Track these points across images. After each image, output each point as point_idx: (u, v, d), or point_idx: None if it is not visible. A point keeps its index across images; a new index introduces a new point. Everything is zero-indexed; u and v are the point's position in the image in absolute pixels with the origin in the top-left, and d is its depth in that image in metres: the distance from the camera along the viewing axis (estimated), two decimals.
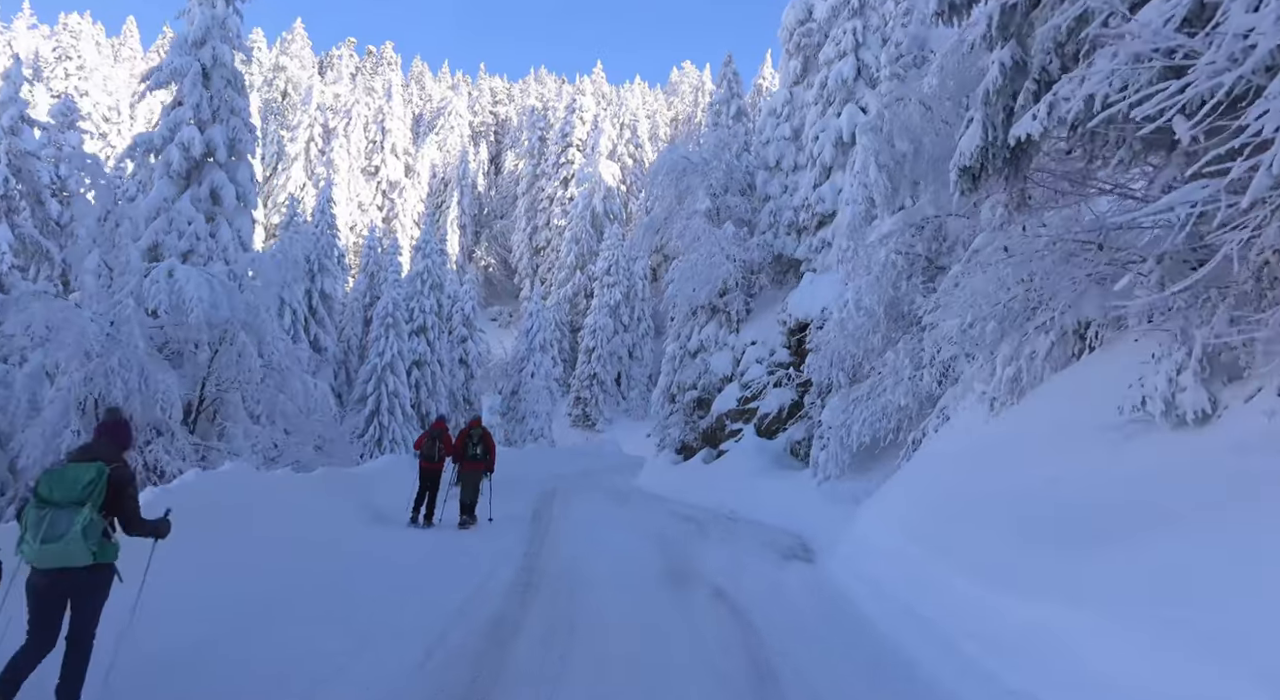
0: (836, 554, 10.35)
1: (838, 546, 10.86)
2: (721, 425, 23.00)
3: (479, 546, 10.82)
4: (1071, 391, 7.57)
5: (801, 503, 16.14)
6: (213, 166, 21.64)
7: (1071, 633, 4.78)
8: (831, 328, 12.52)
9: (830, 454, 15.81)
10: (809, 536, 13.21)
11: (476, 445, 14.25)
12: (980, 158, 6.83)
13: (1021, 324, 8.29)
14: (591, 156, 77.56)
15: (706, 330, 24.31)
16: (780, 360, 21.41)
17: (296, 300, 42.82)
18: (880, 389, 12.06)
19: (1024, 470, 6.96)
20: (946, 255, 13.29)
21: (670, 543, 11.37)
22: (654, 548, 10.72)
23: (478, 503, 14.19)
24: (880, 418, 12.13)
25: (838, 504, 14.82)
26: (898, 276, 12.19)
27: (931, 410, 11.61)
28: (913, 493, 9.25)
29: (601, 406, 64.31)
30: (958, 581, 6.08)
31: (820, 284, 19.63)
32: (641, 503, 19.38)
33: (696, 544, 11.49)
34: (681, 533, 12.81)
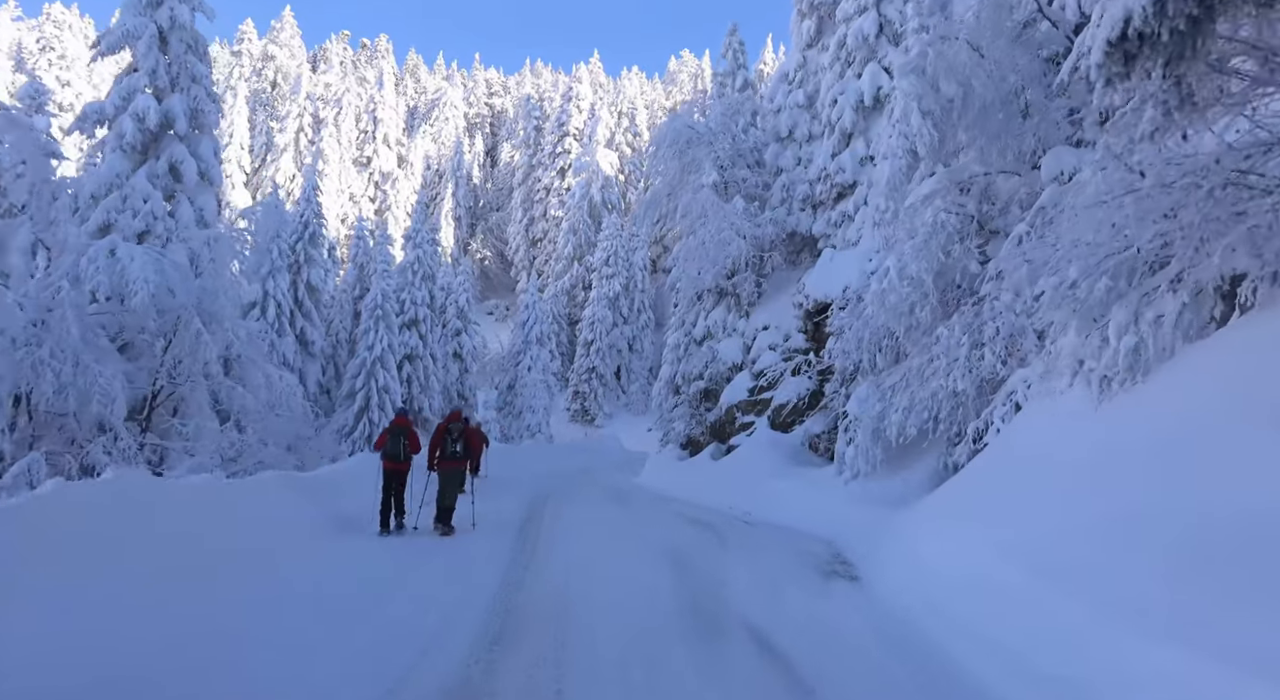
0: (888, 572, 8.48)
1: (886, 562, 8.99)
2: (731, 418, 21.11)
3: (446, 568, 8.92)
4: (1220, 368, 5.70)
5: (826, 504, 14.26)
6: (172, 139, 19.73)
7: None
8: (870, 301, 10.62)
9: (859, 449, 13.94)
10: (842, 545, 11.33)
11: (456, 442, 12.44)
12: (1155, 20, 4.79)
13: (1141, 280, 6.42)
14: (589, 145, 75.56)
15: (714, 315, 22.40)
16: (796, 346, 19.52)
17: (281, 292, 40.88)
18: (929, 372, 10.17)
19: (1185, 478, 5.08)
20: (999, 217, 11.39)
21: (683, 557, 9.48)
22: (665, 566, 8.83)
23: (455, 507, 12.41)
24: (929, 406, 10.24)
25: (869, 506, 12.95)
26: (948, 240, 10.31)
27: (994, 395, 9.73)
28: (1007, 503, 7.36)
29: (601, 401, 62.42)
30: (1126, 640, 4.19)
31: (841, 261, 17.74)
32: (645, 504, 17.50)
33: (714, 558, 9.61)
34: (694, 542, 10.93)
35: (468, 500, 13.10)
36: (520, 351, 55.45)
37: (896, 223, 10.79)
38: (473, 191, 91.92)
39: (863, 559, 9.99)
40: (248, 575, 7.22)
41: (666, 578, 8.16)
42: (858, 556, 10.29)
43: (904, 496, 12.73)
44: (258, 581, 7.19)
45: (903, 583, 8.05)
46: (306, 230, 44.42)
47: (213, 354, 15.42)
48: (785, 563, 9.61)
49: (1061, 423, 7.40)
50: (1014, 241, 9.71)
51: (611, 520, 13.41)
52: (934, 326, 10.59)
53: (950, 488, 9.51)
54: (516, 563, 9.13)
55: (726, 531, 12.36)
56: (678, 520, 13.97)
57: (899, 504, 12.38)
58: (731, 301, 21.90)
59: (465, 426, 12.89)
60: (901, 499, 12.64)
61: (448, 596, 7.33)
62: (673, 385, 24.56)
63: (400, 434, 12.50)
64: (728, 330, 21.91)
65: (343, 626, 6.19)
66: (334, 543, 10.05)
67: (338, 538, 10.59)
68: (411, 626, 6.26)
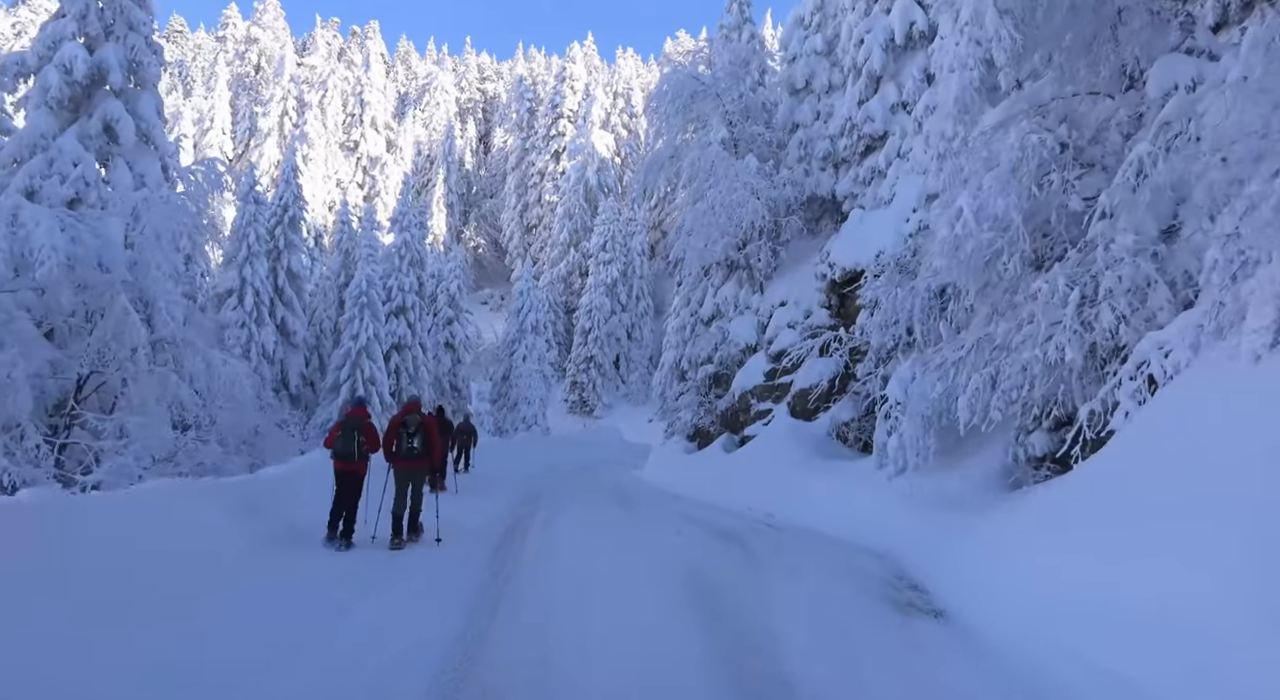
0: (987, 604, 6.22)
1: (976, 587, 6.71)
2: (745, 405, 18.80)
3: (382, 613, 6.55)
4: None
5: (868, 505, 11.96)
6: (106, 95, 17.33)
7: None
8: (938, 253, 8.28)
9: (906, 439, 11.63)
10: (902, 560, 9.05)
11: (413, 436, 10.22)
12: None
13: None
14: (583, 127, 73.01)
15: (724, 291, 20.05)
16: (818, 323, 17.19)
17: (260, 280, 38.53)
18: (1018, 339, 7.83)
19: None
20: (1090, 148, 9.04)
21: (707, 586, 7.19)
22: (685, 602, 6.54)
23: (421, 513, 10.25)
24: (1019, 383, 7.90)
25: (923, 509, 10.65)
26: (1039, 170, 7.99)
27: (1109, 368, 7.41)
28: (1180, 512, 5.06)
29: (599, 391, 60.10)
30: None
31: (873, 223, 15.40)
32: (651, 506, 15.22)
33: (748, 586, 7.30)
34: (717, 560, 8.64)
35: (432, 506, 10.85)
36: (515, 340, 53.10)
37: (968, 152, 8.49)
38: (465, 178, 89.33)
39: (938, 583, 7.70)
40: (93, 645, 4.91)
41: (690, 624, 5.86)
42: (929, 578, 8.00)
43: (967, 497, 10.43)
44: (104, 657, 4.87)
45: (1015, 619, 5.78)
46: (286, 214, 42.05)
47: (142, 337, 13.09)
48: (840, 591, 7.31)
49: (1245, 402, 5.13)
50: (1131, 169, 7.37)
51: (611, 529, 11.10)
52: (1020, 282, 8.26)
53: (1061, 490, 7.21)
54: (483, 600, 6.80)
55: (753, 542, 10.06)
56: (691, 527, 11.67)
57: (963, 506, 10.08)
58: (743, 275, 19.56)
59: (425, 418, 10.63)
60: (965, 500, 10.34)
61: (370, 666, 5.01)
62: (678, 370, 22.25)
63: (355, 429, 10.26)
64: (739, 308, 19.57)
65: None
66: (251, 574, 7.73)
67: (262, 563, 8.27)
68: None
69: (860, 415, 16.00)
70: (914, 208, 14.80)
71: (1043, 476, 9.81)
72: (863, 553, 9.54)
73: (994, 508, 9.21)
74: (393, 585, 7.61)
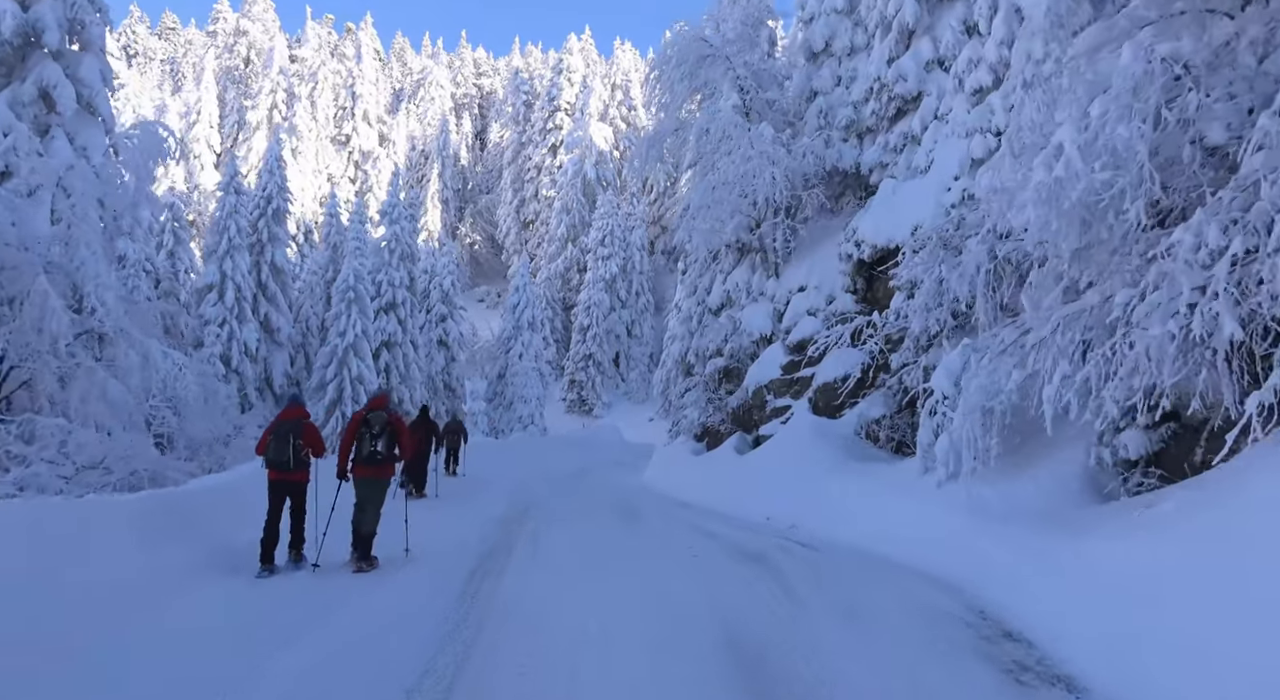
0: (1153, 675, 4.32)
1: (1121, 643, 4.85)
2: (760, 401, 16.92)
3: (301, 680, 4.69)
4: None
5: (916, 518, 10.09)
6: (43, 57, 15.47)
7: None
8: (1033, 203, 6.36)
9: (961, 438, 9.76)
10: (981, 592, 7.19)
11: (377, 438, 8.40)
12: None
13: None
14: (581, 120, 71.13)
15: (735, 277, 18.17)
16: (843, 309, 15.32)
17: (241, 274, 36.68)
18: (1143, 310, 5.95)
19: None
20: (1211, 75, 7.15)
21: (740, 636, 5.35)
22: (715, 668, 4.67)
23: (377, 531, 8.48)
24: (1144, 368, 6.01)
25: (992, 523, 8.79)
26: (1164, 93, 6.13)
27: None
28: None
29: (599, 389, 58.22)
30: None
31: (908, 195, 13.54)
32: (657, 517, 13.36)
33: (793, 635, 5.45)
34: (746, 594, 6.79)
35: (410, 514, 9.06)
36: (510, 337, 51.19)
37: (1067, 75, 6.64)
38: (461, 173, 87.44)
39: (1043, 630, 5.84)
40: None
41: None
42: (1027, 623, 6.13)
43: (1046, 509, 8.57)
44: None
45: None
46: (270, 205, 40.21)
47: (64, 326, 11.23)
48: (921, 645, 5.44)
49: None
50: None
51: (613, 551, 9.22)
52: (1138, 238, 6.37)
53: (1208, 507, 5.33)
54: (438, 664, 4.91)
55: (786, 567, 8.19)
56: (708, 546, 9.80)
57: (1044, 522, 8.23)
58: (757, 259, 17.68)
59: (392, 416, 8.79)
60: (1043, 513, 8.48)
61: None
62: (683, 364, 20.38)
63: (291, 431, 8.47)
64: (753, 294, 17.69)
65: None
66: (156, 611, 5.88)
67: (171, 602, 6.41)
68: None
69: (893, 411, 14.14)
70: (956, 175, 12.95)
71: (1143, 485, 7.95)
72: (926, 582, 7.66)
73: (1091, 525, 7.34)
74: (339, 632, 5.76)
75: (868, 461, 13.59)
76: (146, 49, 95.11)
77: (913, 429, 13.73)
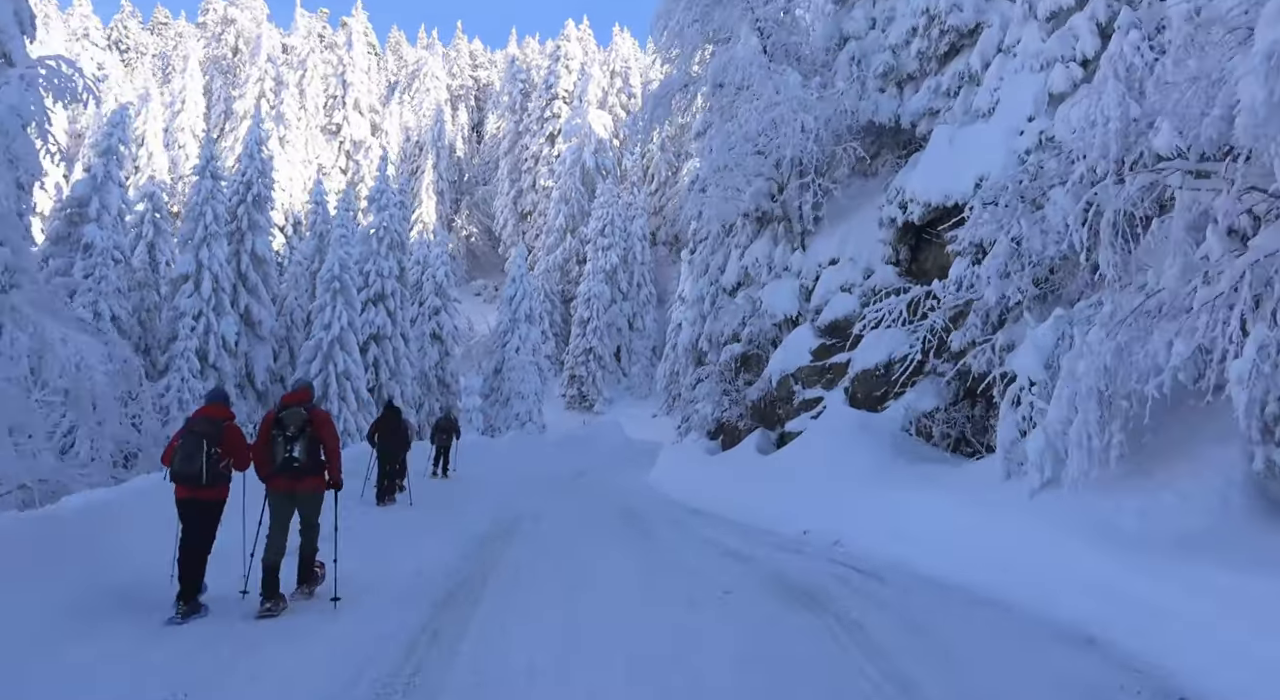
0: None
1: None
2: (785, 393, 14.67)
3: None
4: None
5: (1009, 539, 7.82)
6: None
7: None
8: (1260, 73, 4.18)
9: (1074, 435, 7.55)
10: (1161, 664, 4.95)
11: (293, 441, 6.19)
12: None
13: None
14: (579, 107, 68.80)
15: (755, 250, 15.90)
16: (884, 283, 13.06)
17: (219, 264, 34.34)
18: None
19: None
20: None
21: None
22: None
23: (318, 550, 6.34)
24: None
25: (1130, 549, 6.56)
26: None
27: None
28: None
29: (600, 385, 55.94)
30: None
31: (969, 143, 11.27)
32: (671, 531, 11.12)
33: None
34: (814, 664, 4.55)
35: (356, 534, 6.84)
36: (507, 331, 48.88)
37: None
38: (457, 164, 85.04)
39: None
40: None
41: None
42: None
43: (1211, 531, 6.34)
44: None
45: None
46: (250, 191, 37.93)
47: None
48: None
49: None
50: None
51: (618, 593, 6.94)
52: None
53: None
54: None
55: (856, 613, 5.95)
56: (741, 576, 7.56)
57: (1216, 548, 6.02)
58: (779, 229, 15.41)
59: (314, 414, 6.58)
60: (1209, 537, 6.27)
61: None
62: (694, 353, 18.14)
63: (205, 436, 6.25)
64: (775, 270, 15.42)
65: None
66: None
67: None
68: None
69: (949, 402, 11.91)
70: (1030, 115, 10.69)
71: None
72: (1069, 643, 5.40)
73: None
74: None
75: (922, 463, 11.35)
76: (138, 44, 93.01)
77: (972, 423, 11.52)
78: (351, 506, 12.85)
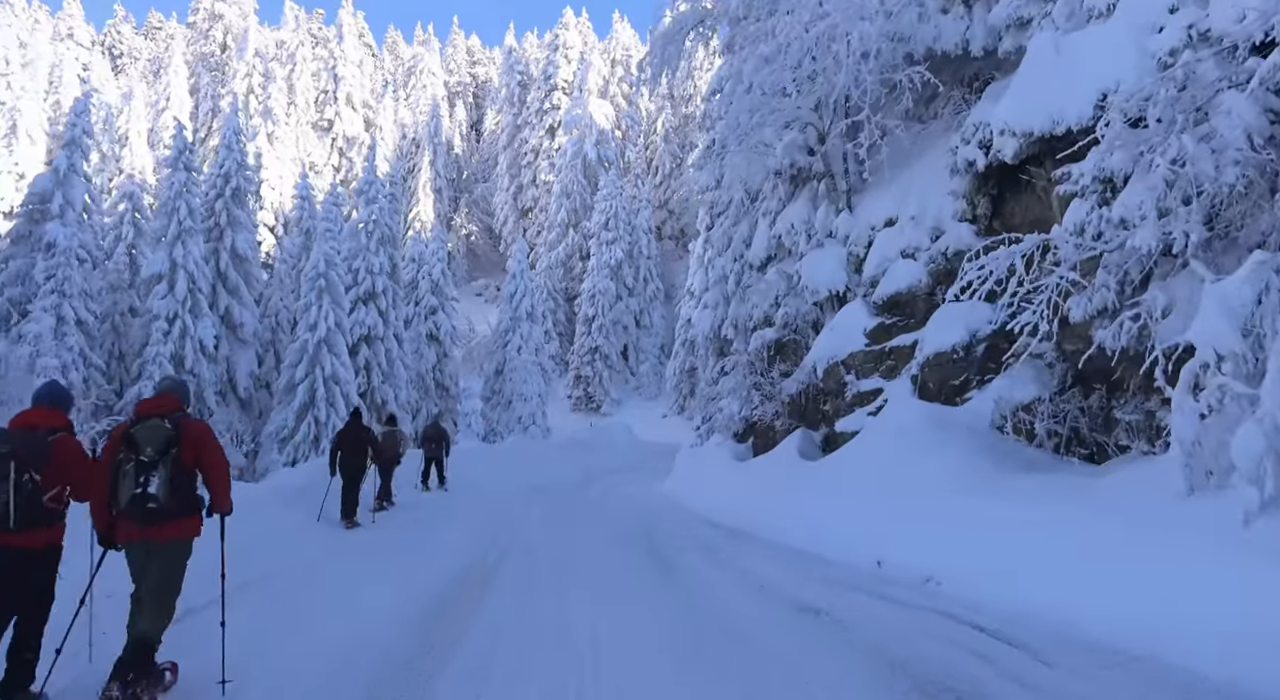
0: None
1: None
2: (834, 385, 12.04)
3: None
4: None
5: (1229, 588, 5.20)
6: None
7: None
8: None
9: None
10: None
11: (149, 468, 3.50)
12: None
13: None
14: (580, 97, 66.19)
15: (789, 215, 13.27)
16: (958, 244, 10.42)
17: (195, 262, 31.79)
18: None
19: None
20: None
21: None
22: None
23: (154, 646, 3.71)
24: None
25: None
26: None
27: None
28: None
29: (606, 385, 53.31)
30: None
31: (1083, 50, 8.62)
32: (707, 563, 8.52)
33: None
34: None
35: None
36: (508, 330, 46.25)
37: None
38: (455, 162, 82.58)
39: None
40: None
41: None
42: None
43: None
44: None
45: None
46: (229, 184, 35.49)
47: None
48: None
49: None
50: None
51: (642, 676, 4.33)
52: None
53: None
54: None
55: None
56: (825, 647, 4.99)
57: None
58: (819, 188, 12.79)
59: (186, 427, 4.00)
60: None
61: None
62: (716, 342, 15.54)
63: (13, 457, 3.72)
64: (815, 238, 12.76)
65: None
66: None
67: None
68: None
69: (1054, 390, 9.27)
70: (1171, 5, 8.07)
71: None
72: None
73: None
74: None
75: (1031, 470, 8.72)
76: (131, 49, 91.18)
77: (1088, 416, 8.91)
78: (303, 529, 10.33)
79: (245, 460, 32.36)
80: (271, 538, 8.68)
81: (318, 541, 9.77)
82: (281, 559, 8.10)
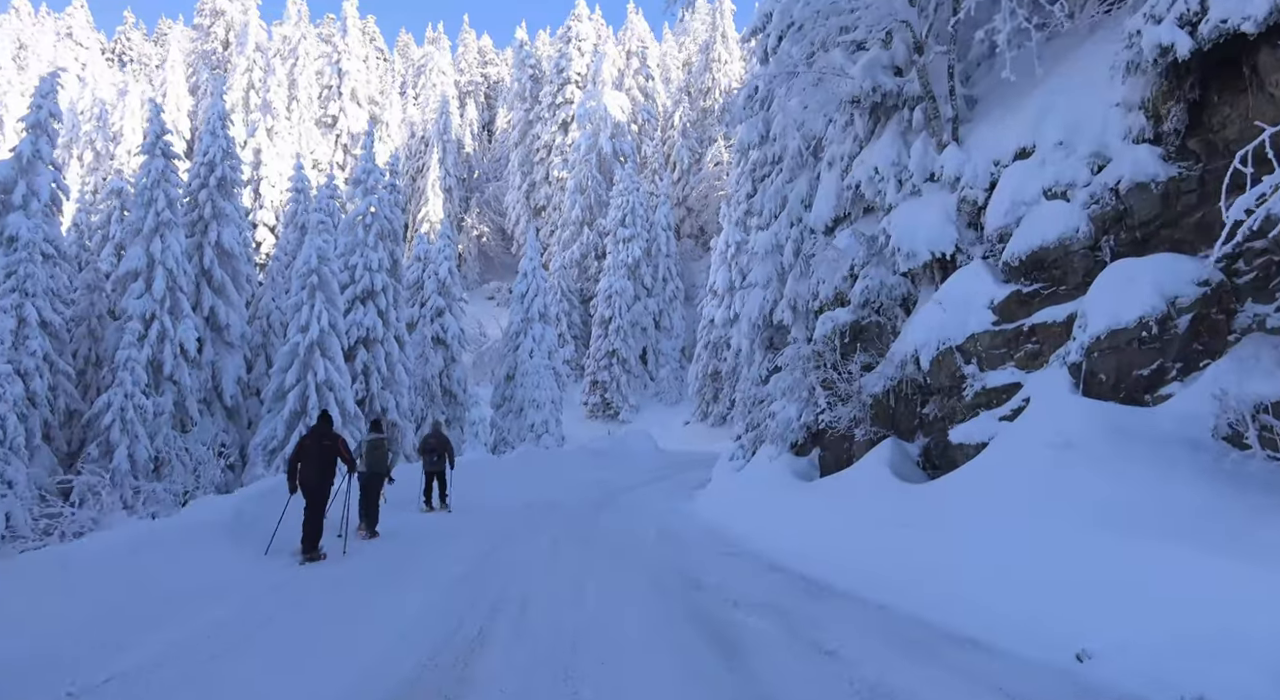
0: None
1: None
2: (946, 379, 8.83)
3: None
4: None
5: None
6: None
7: None
8: None
9: None
10: None
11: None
12: None
13: None
14: (593, 90, 63.15)
15: (872, 157, 10.03)
16: (1132, 175, 7.25)
17: (174, 258, 28.86)
18: None
19: None
20: None
21: None
22: None
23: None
24: None
25: None
26: None
27: None
28: None
29: (625, 391, 50.11)
30: None
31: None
32: (788, 649, 5.33)
33: None
34: None
35: None
36: (519, 332, 43.19)
37: None
38: (466, 161, 79.72)
39: None
40: None
41: None
42: None
43: None
44: None
45: None
46: (214, 174, 32.65)
47: None
48: None
49: None
50: None
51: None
52: None
53: None
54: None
55: None
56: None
57: None
58: (909, 118, 9.61)
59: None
60: None
61: None
62: (765, 331, 12.35)
63: None
64: (908, 184, 9.55)
65: None
66: None
67: None
68: None
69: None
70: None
71: None
72: None
73: None
74: None
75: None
76: (141, 55, 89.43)
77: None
78: (231, 574, 7.31)
79: (228, 474, 29.42)
80: (180, 592, 5.64)
81: (244, 593, 6.79)
82: (176, 631, 5.04)
